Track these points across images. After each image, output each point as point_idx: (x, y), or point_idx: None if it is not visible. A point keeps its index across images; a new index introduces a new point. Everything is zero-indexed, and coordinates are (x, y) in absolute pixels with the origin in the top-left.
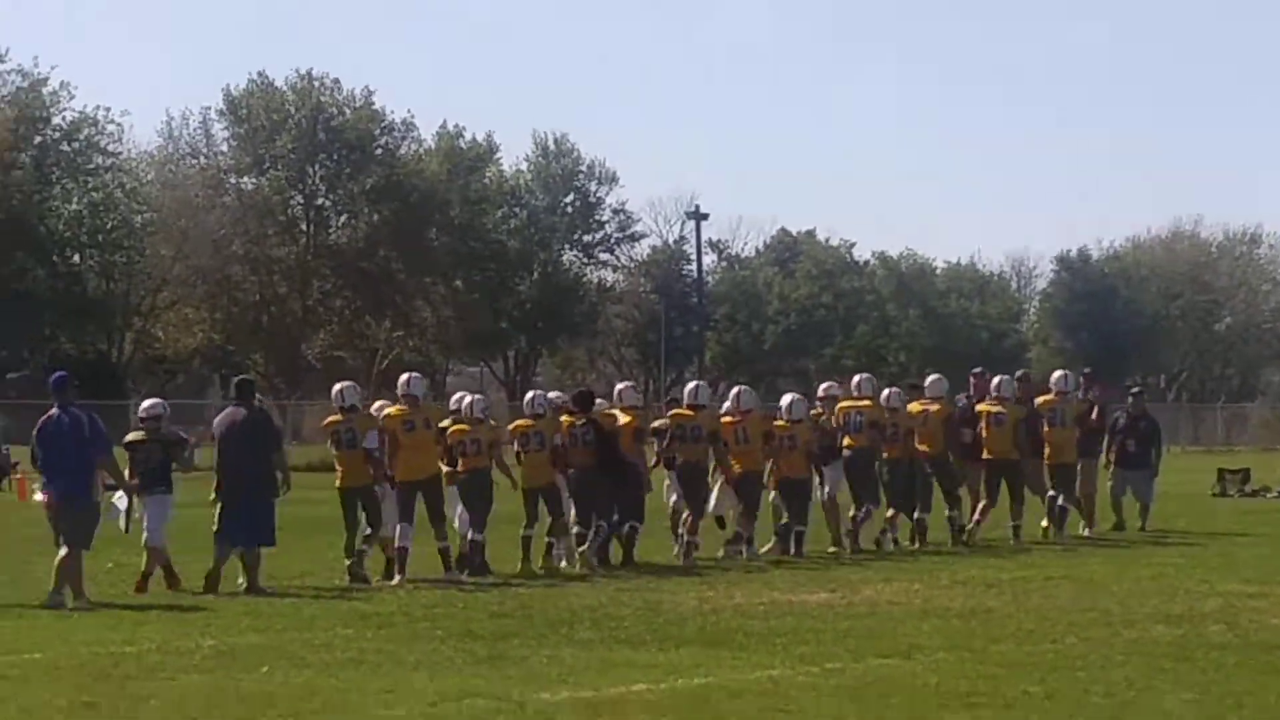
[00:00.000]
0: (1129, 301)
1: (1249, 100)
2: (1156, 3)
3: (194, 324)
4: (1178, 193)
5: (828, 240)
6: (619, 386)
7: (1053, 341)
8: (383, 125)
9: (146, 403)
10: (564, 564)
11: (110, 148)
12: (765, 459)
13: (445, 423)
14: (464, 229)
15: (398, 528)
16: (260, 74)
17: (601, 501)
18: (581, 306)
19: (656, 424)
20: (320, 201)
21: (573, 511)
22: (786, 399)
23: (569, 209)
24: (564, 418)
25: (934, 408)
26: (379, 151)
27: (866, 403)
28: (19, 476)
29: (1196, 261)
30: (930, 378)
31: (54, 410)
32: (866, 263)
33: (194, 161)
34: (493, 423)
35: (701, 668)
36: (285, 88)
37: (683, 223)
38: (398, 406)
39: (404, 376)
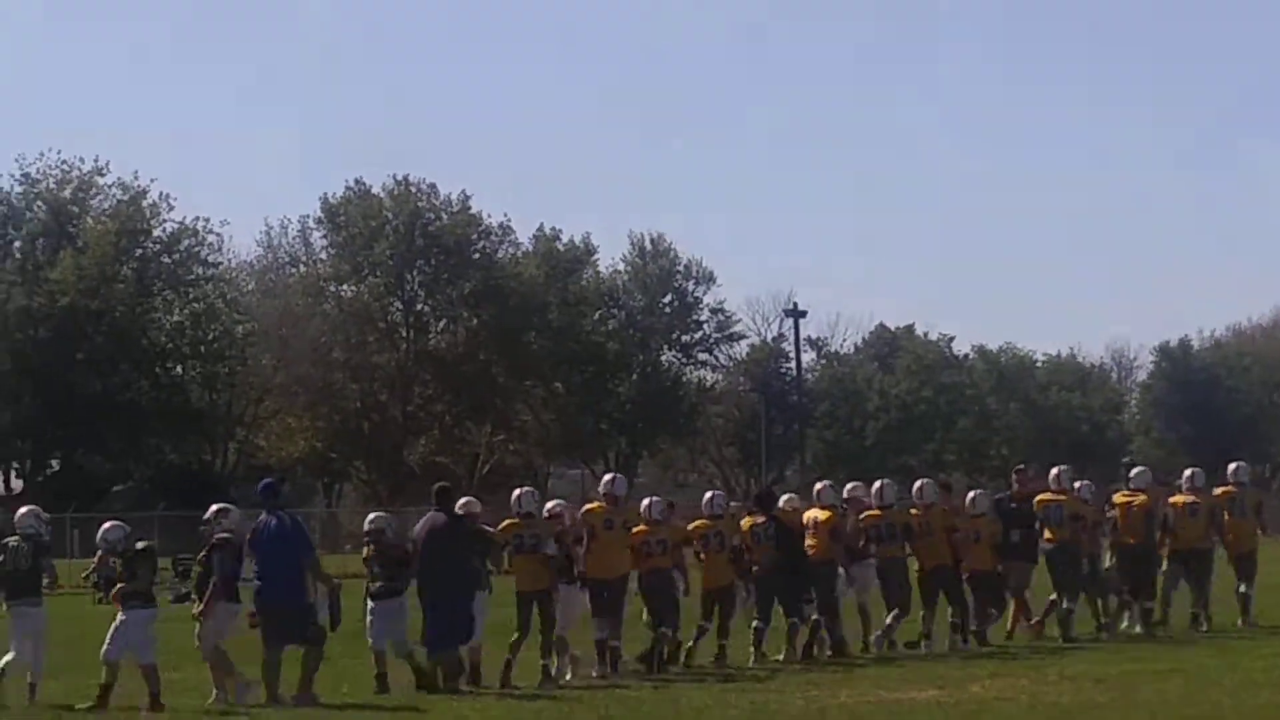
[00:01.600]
0: (1231, 390)
1: None
2: (1251, 93)
3: (296, 432)
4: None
5: (926, 335)
6: (818, 486)
7: (1154, 432)
8: (480, 229)
9: (371, 516)
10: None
11: (210, 258)
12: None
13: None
14: (562, 331)
15: (595, 621)
16: (357, 181)
17: (783, 599)
18: (681, 406)
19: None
20: (419, 307)
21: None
22: (971, 495)
23: (667, 309)
24: (746, 518)
25: (1138, 499)
26: (476, 255)
27: (1064, 497)
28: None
29: None
30: (1136, 469)
31: (264, 515)
32: (966, 356)
33: (293, 270)
34: (675, 523)
35: None
36: (382, 194)
37: (781, 320)
38: (598, 504)
39: (607, 476)
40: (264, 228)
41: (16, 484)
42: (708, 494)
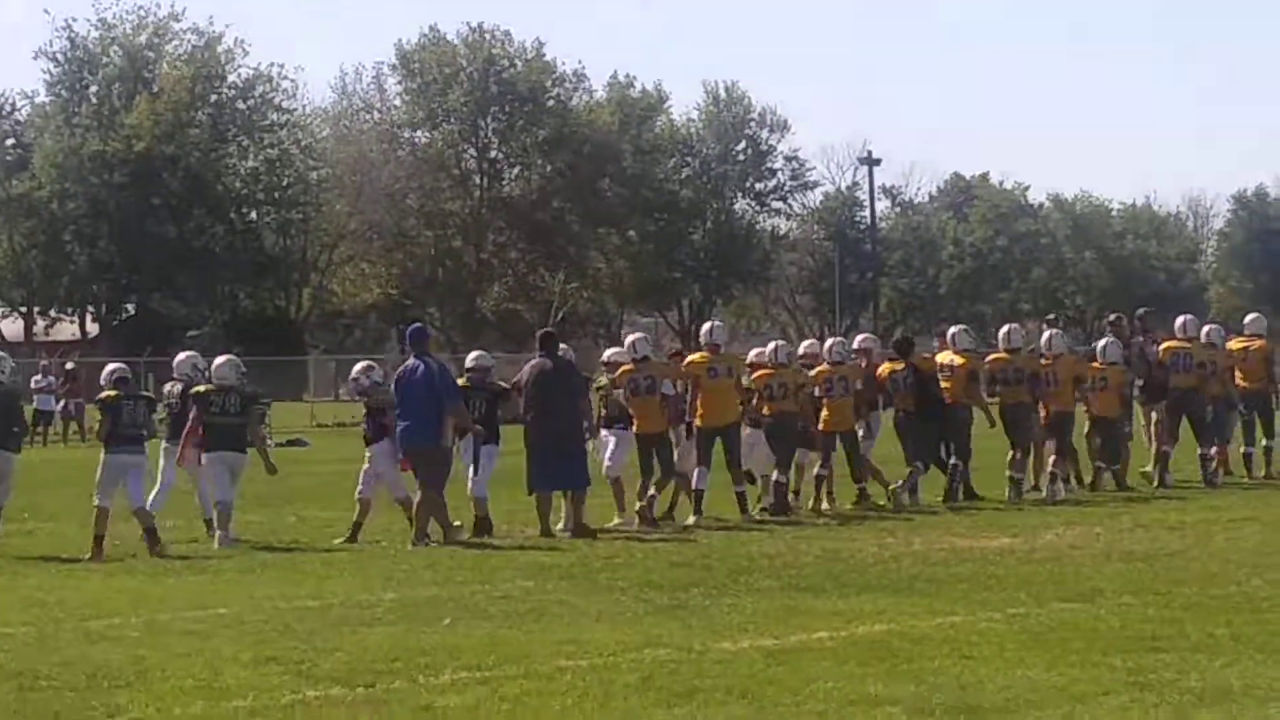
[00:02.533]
0: None
1: None
2: None
3: (370, 279)
4: None
5: (1001, 183)
6: (952, 331)
7: (1231, 281)
8: (554, 77)
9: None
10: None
11: (285, 104)
12: (1076, 401)
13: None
14: (636, 179)
15: (697, 471)
16: (432, 28)
17: (919, 443)
18: (755, 255)
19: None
20: (493, 154)
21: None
22: (1100, 343)
23: (741, 157)
24: (885, 365)
25: (1255, 344)
26: (550, 103)
27: (1191, 344)
28: None
29: None
30: (1250, 316)
31: (411, 360)
32: (1041, 205)
33: (368, 117)
34: (799, 367)
35: (883, 615)
36: (457, 41)
37: (855, 169)
38: (701, 353)
39: (707, 325)
40: (338, 74)
41: (92, 328)
42: (829, 340)
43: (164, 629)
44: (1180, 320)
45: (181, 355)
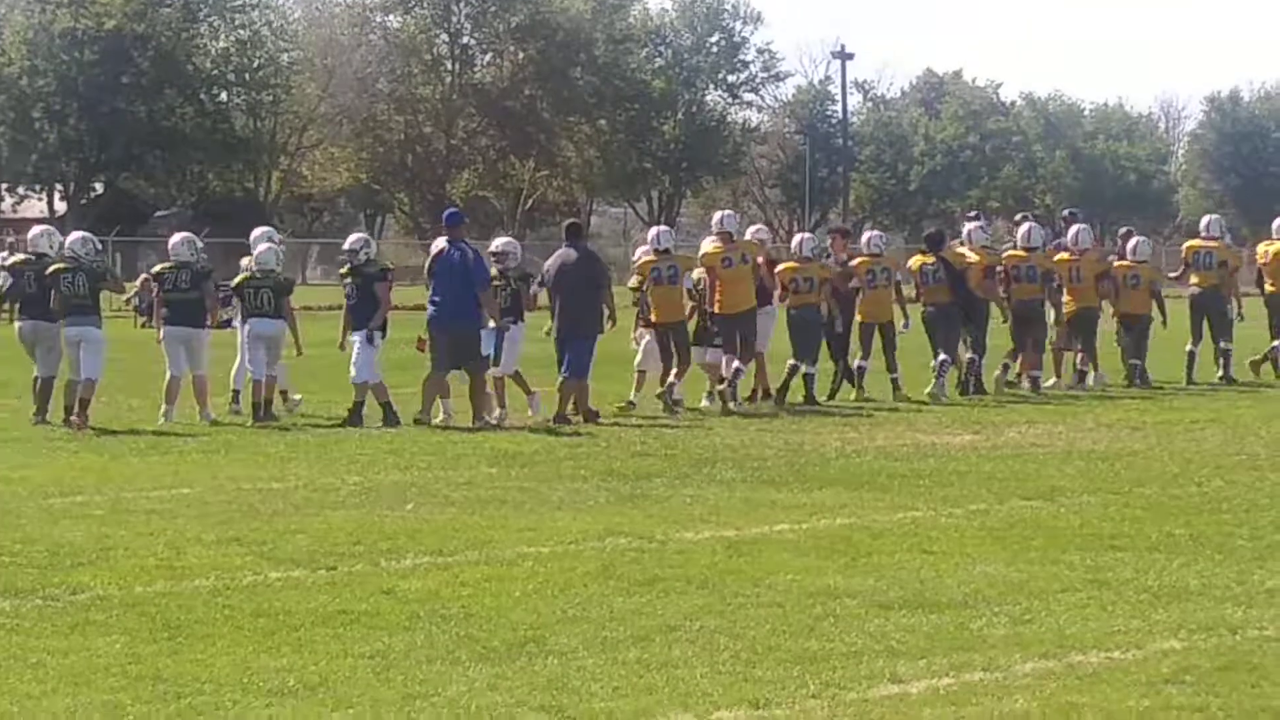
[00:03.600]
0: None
1: None
2: None
3: (340, 163)
4: None
5: (974, 81)
6: (968, 227)
7: (1201, 184)
8: None
9: (499, 240)
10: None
11: None
12: (1100, 297)
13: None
14: (608, 68)
15: (724, 359)
16: None
17: (947, 336)
18: (726, 147)
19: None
20: (465, 40)
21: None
22: (1132, 242)
23: (713, 49)
24: (915, 258)
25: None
26: None
27: (1214, 243)
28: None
29: None
30: (1206, 219)
31: (444, 243)
32: (1013, 103)
33: (340, 0)
34: (824, 261)
35: (844, 508)
36: None
37: (828, 63)
38: (714, 244)
39: (718, 215)
40: None
41: (60, 206)
42: (866, 234)
43: (128, 508)
44: (1205, 220)
45: (258, 230)
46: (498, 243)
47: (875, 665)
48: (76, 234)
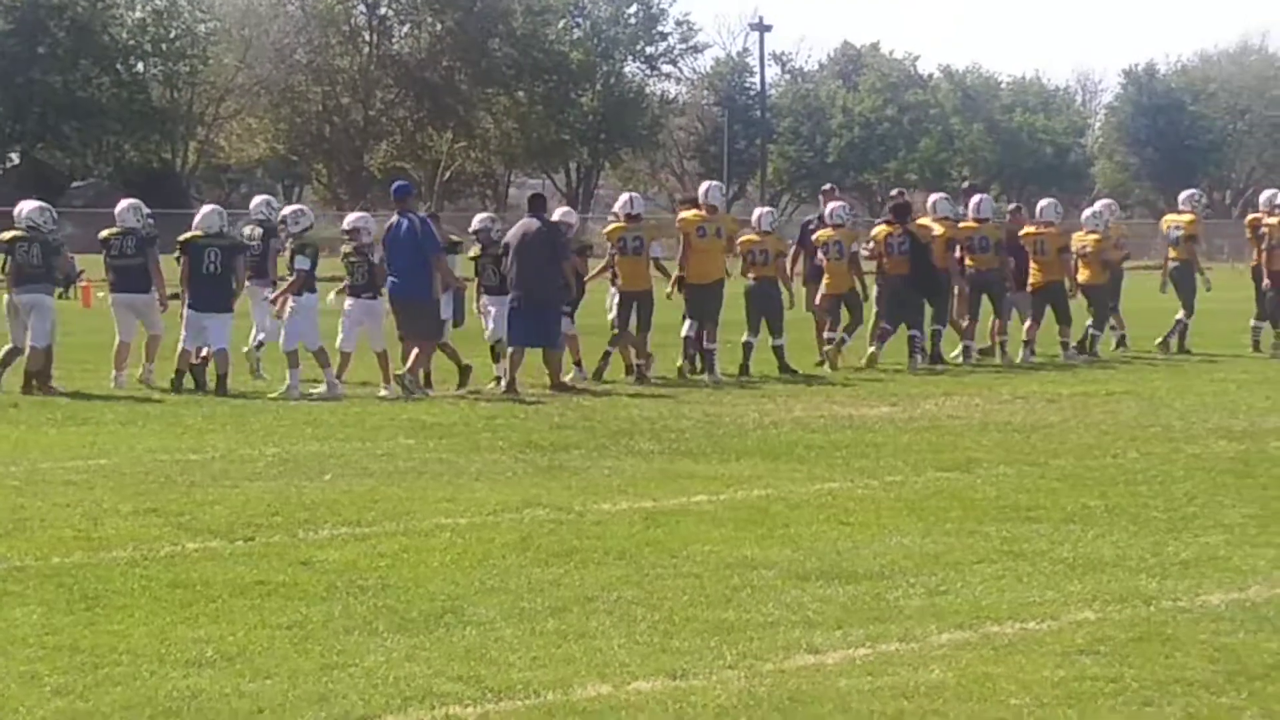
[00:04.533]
0: (1196, 116)
1: None
2: None
3: (257, 134)
4: (1246, 4)
5: (891, 53)
6: (933, 198)
7: (1117, 156)
8: None
9: (351, 216)
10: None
11: None
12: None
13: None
14: (526, 40)
15: (686, 323)
16: None
17: (912, 309)
18: (644, 119)
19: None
20: (383, 11)
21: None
22: (1092, 208)
23: (632, 20)
24: (880, 227)
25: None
26: None
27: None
28: (84, 284)
29: (1264, 75)
30: (1267, 192)
31: (395, 216)
32: (931, 76)
33: None
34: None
35: (761, 480)
36: None
37: (746, 35)
38: (695, 211)
39: (704, 185)
40: None
41: None
42: (830, 204)
43: (44, 479)
44: (1184, 195)
45: (257, 199)
46: (351, 218)
47: (792, 636)
48: (33, 204)
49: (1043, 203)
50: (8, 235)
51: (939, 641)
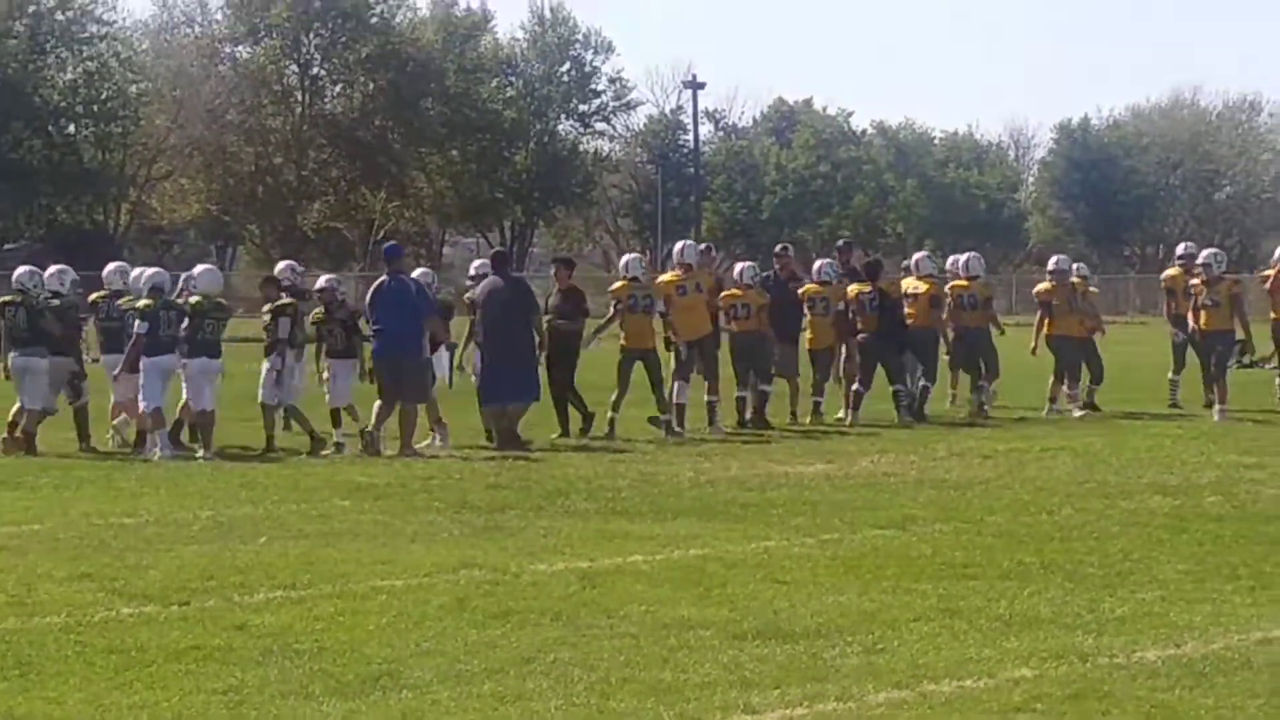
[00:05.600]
0: (1129, 171)
1: None
2: None
3: (189, 194)
4: (1178, 59)
5: (825, 109)
6: (917, 256)
7: (1051, 211)
8: None
9: (324, 278)
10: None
11: (104, 16)
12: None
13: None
14: (459, 98)
15: (676, 385)
16: None
17: (893, 363)
18: (577, 176)
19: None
20: (315, 71)
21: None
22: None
23: (565, 78)
24: (853, 286)
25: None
26: (374, 20)
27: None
28: None
29: (1197, 130)
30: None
31: (385, 277)
32: (864, 132)
33: (188, 30)
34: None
35: (697, 539)
36: None
37: (679, 92)
38: (673, 272)
39: (679, 245)
40: None
41: None
42: (817, 263)
43: None
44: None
45: (281, 264)
46: (324, 279)
47: (729, 696)
48: (25, 267)
49: (964, 256)
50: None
51: (876, 700)
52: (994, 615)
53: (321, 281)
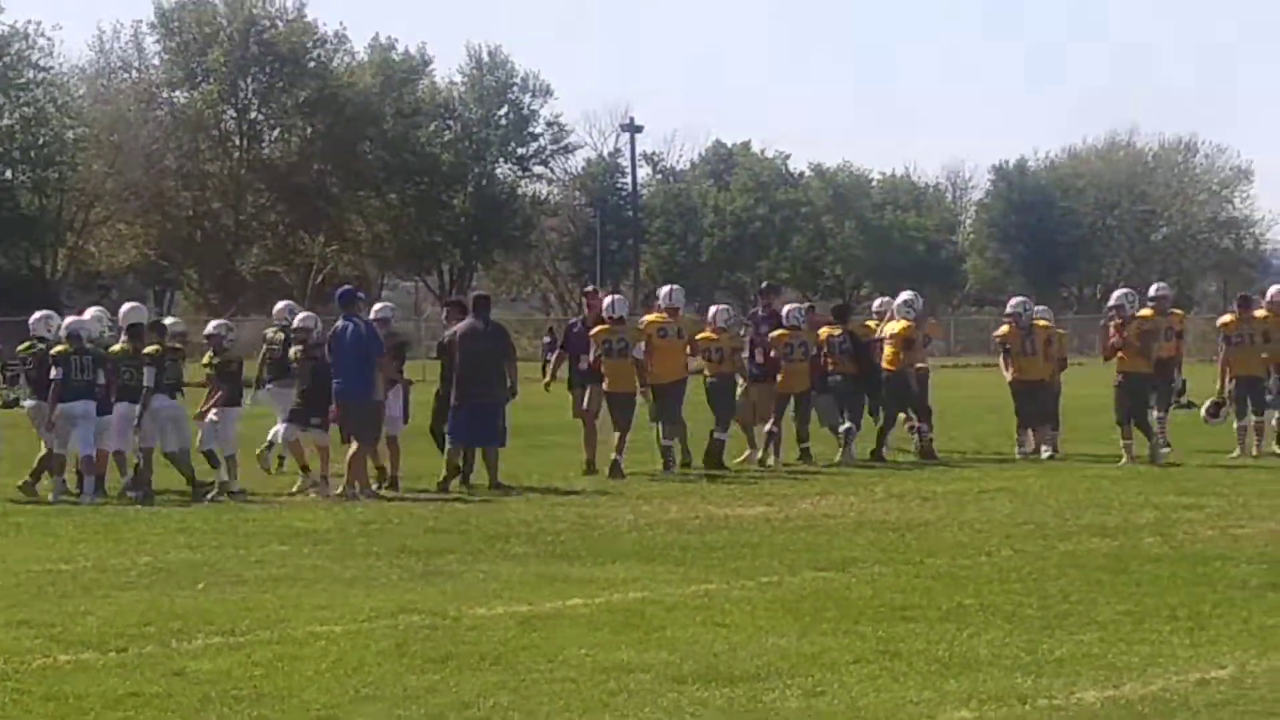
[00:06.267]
0: (1065, 212)
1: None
2: None
3: (127, 239)
4: (1114, 101)
5: (763, 152)
6: (900, 299)
7: (989, 253)
8: (315, 38)
9: (301, 314)
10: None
11: (41, 62)
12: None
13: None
14: (397, 142)
15: (656, 426)
16: None
17: (853, 405)
18: (516, 220)
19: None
20: (253, 115)
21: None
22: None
23: (503, 121)
24: (823, 328)
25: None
26: (312, 64)
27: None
28: None
29: (1133, 171)
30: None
31: (341, 320)
32: (802, 174)
33: (126, 75)
34: (740, 332)
35: (637, 582)
36: (217, 0)
37: (617, 135)
38: (657, 314)
39: (665, 289)
40: (96, 32)
41: None
42: (788, 306)
43: None
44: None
45: (280, 304)
46: (301, 317)
47: None
48: (87, 314)
49: (897, 300)
50: (56, 349)
51: None
52: (933, 657)
53: (299, 320)
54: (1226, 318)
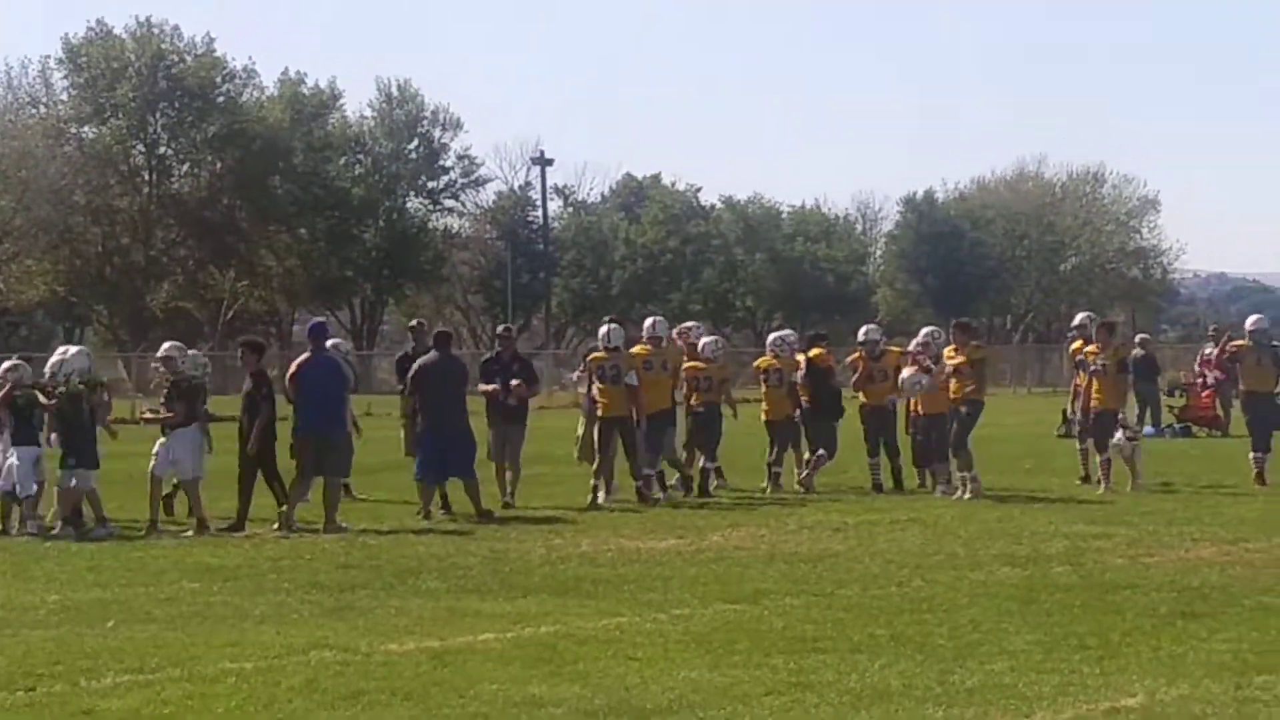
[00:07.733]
0: (975, 243)
1: (1090, 39)
2: None
3: (36, 276)
4: (1021, 132)
5: (673, 184)
6: (899, 333)
7: (899, 284)
8: (224, 73)
9: (191, 352)
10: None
11: None
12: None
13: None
14: (307, 177)
15: (645, 456)
16: (99, 21)
17: (819, 431)
18: (427, 253)
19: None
20: (162, 150)
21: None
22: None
23: (413, 155)
24: (799, 356)
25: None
26: (221, 99)
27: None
28: None
29: (1041, 202)
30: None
31: (308, 354)
32: (712, 207)
33: (34, 111)
34: (723, 363)
35: (549, 616)
36: (125, 35)
37: (528, 168)
38: (642, 345)
39: (649, 321)
40: (3, 68)
41: None
42: (773, 334)
43: None
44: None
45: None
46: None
47: None
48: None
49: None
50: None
51: None
52: (845, 689)
53: (163, 350)
54: (1091, 346)
